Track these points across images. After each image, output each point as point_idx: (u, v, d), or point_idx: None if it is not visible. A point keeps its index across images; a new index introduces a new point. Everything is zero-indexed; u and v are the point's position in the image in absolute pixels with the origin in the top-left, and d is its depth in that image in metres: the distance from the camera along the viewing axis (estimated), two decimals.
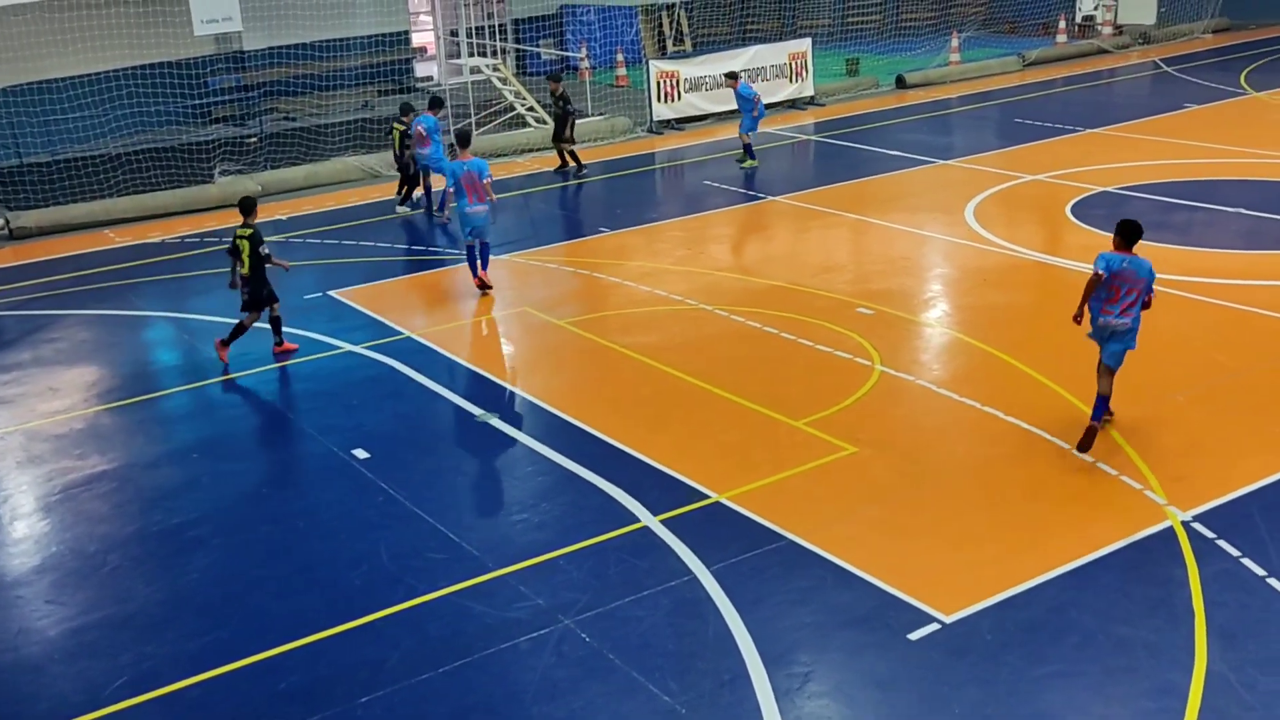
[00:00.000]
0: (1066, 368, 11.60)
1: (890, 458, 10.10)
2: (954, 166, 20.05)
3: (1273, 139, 20.15)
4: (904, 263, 15.30)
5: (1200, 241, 15.38)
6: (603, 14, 30.77)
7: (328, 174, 21.46)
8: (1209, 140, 20.58)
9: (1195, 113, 23.04)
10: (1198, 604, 7.84)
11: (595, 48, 29.83)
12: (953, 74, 28.55)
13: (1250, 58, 28.33)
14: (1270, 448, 9.84)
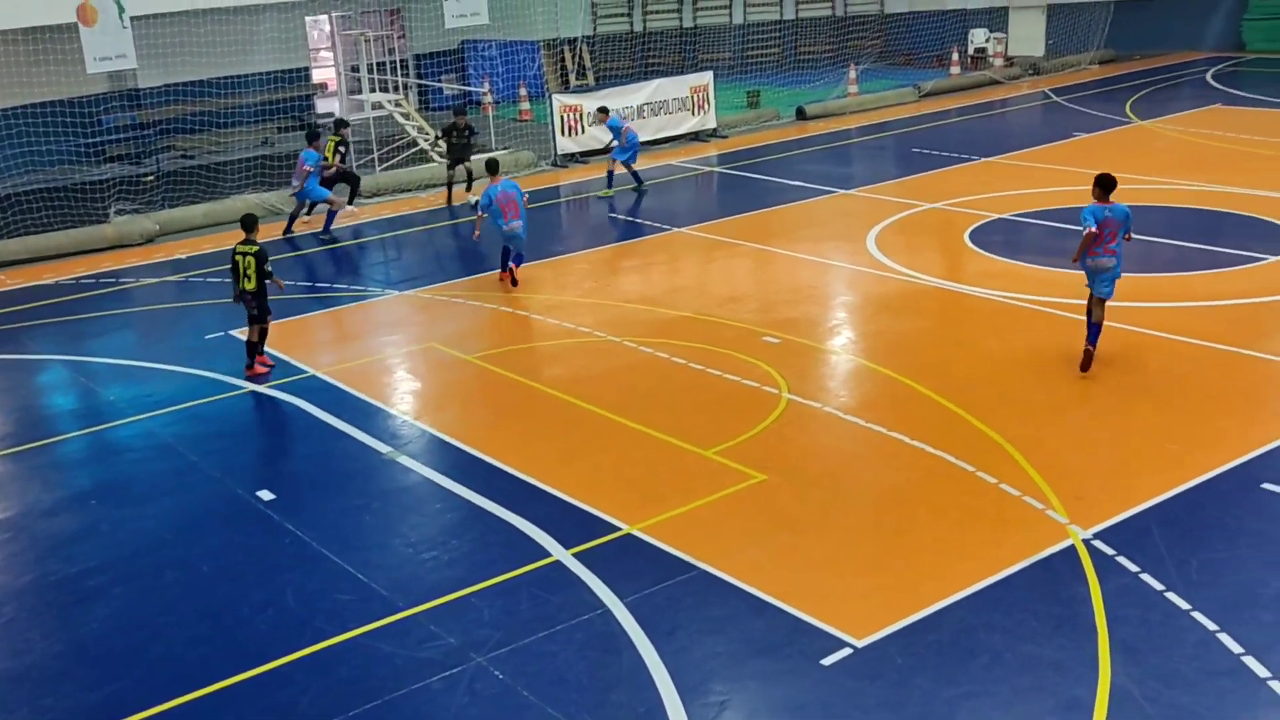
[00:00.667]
0: (969, 392, 11.82)
1: (799, 485, 10.18)
2: (855, 196, 20.38)
3: (1158, 166, 20.81)
4: (809, 291, 15.48)
5: None
6: (505, 49, 30.82)
7: (228, 212, 21.08)
8: (1098, 167, 21.05)
9: (1084, 141, 23.72)
10: (1100, 620, 8.00)
11: (498, 82, 29.86)
12: (851, 105, 29.06)
13: (1134, 87, 29.27)
14: (1166, 465, 10.11)
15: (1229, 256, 15.54)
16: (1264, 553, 8.74)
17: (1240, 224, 17.05)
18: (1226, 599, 8.16)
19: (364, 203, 21.75)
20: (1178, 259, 15.67)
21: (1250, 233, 16.57)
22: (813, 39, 34.80)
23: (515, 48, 30.85)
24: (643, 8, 34.08)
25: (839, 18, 35.29)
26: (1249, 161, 20.94)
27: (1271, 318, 13.46)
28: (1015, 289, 14.87)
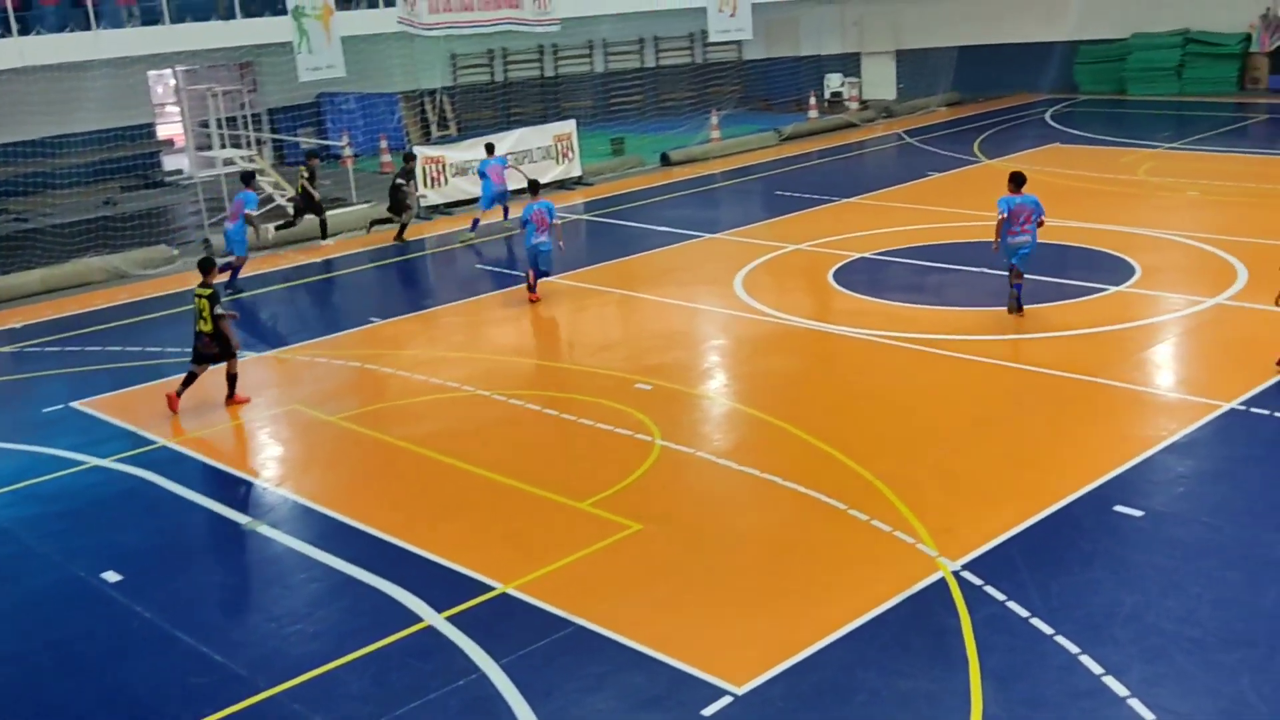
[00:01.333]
0: (838, 430, 11.99)
1: (675, 532, 10.17)
2: (721, 239, 20.63)
3: None
4: (678, 336, 15.58)
5: (951, 301, 16.22)
6: (363, 101, 30.57)
7: (66, 276, 20.21)
8: (951, 206, 21.84)
9: (937, 180, 24.43)
10: (971, 651, 8.13)
11: (358, 135, 29.59)
12: (714, 150, 29.50)
13: (980, 128, 30.30)
14: (1026, 493, 10.37)
15: (1074, 288, 16.11)
16: (1118, 574, 9.01)
17: (1083, 256, 17.70)
18: (1086, 621, 8.38)
19: (326, 242, 22.24)
20: (1028, 292, 16.14)
21: (1093, 264, 17.21)
22: (674, 86, 35.30)
23: (374, 100, 30.63)
24: (503, 58, 34.19)
25: (699, 65, 35.88)
26: (1087, 197, 21.80)
27: (1115, 346, 13.96)
28: (878, 326, 15.17)
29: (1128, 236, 18.57)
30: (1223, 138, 26.98)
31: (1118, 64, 34.04)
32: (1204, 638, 8.13)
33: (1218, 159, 24.54)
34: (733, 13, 31.30)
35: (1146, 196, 21.61)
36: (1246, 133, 27.76)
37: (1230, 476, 10.64)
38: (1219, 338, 14.13)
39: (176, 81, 28.77)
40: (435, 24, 27.58)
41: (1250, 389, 12.20)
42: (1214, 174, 22.84)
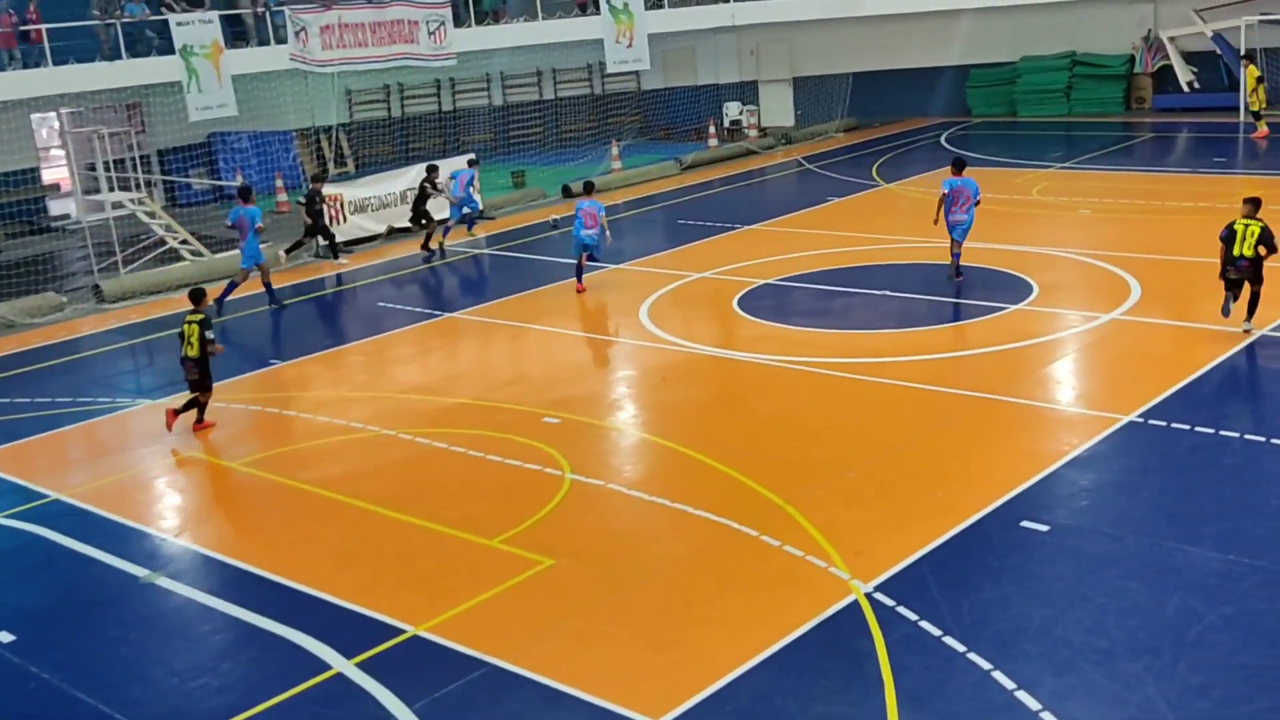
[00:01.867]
0: (747, 456, 12.00)
1: (588, 566, 10.08)
2: (626, 270, 20.64)
3: (906, 226, 21.84)
4: (586, 368, 15.52)
5: (856, 324, 16.39)
6: (256, 140, 30.11)
7: None
8: (853, 229, 22.13)
9: (837, 205, 24.73)
10: (886, 672, 8.15)
11: (252, 174, 29.11)
12: (616, 181, 29.56)
13: (878, 153, 30.79)
14: (935, 512, 10.46)
15: (975, 308, 16.37)
16: (1027, 589, 9.12)
17: (983, 276, 18.01)
18: (997, 637, 8.46)
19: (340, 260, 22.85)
20: (930, 313, 16.41)
21: (992, 284, 17.51)
22: (574, 118, 35.36)
23: (268, 138, 30.19)
24: (400, 93, 33.98)
25: (598, 96, 36.01)
26: (984, 217, 22.05)
27: (1017, 363, 14.20)
28: (784, 352, 15.26)
29: (1024, 255, 18.96)
30: (1111, 156, 27.73)
31: (1008, 87, 34.86)
32: (1111, 648, 8.25)
33: (1107, 177, 25.20)
34: (629, 43, 31.51)
35: (1041, 216, 22.09)
36: (1134, 151, 28.57)
37: (1130, 488, 10.85)
38: (1116, 352, 14.44)
39: (61, 124, 28.10)
40: (329, 60, 27.39)
41: (1147, 401, 12.48)
42: (1104, 192, 23.44)
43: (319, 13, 27.39)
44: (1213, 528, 9.79)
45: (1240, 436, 11.46)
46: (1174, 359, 13.81)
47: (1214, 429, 11.68)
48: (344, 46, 27.26)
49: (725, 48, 36.25)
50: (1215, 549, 9.44)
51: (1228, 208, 20.74)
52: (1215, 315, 14.44)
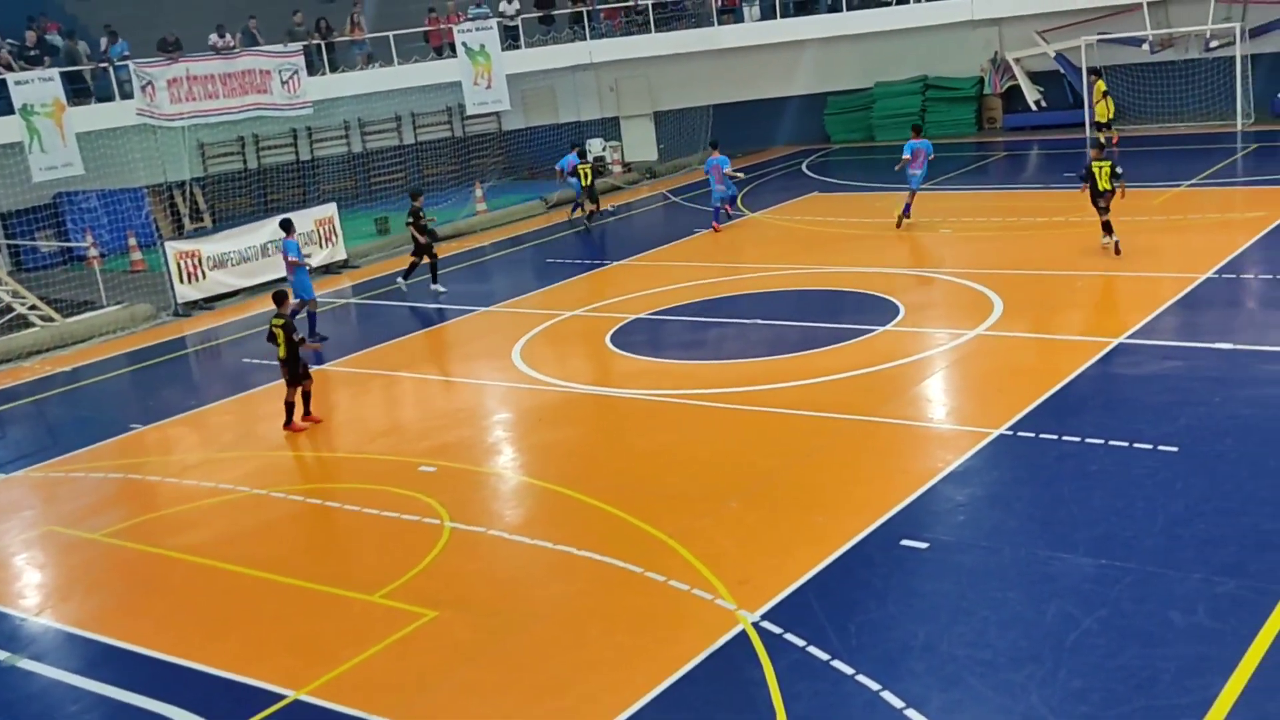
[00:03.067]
0: (627, 493, 11.94)
1: (472, 615, 9.89)
2: (496, 312, 20.47)
3: (772, 254, 22.15)
4: (461, 414, 15.31)
5: (729, 354, 16.50)
6: (106, 198, 29.13)
7: None
8: (721, 261, 22.33)
9: (704, 236, 24.93)
10: (777, 700, 8.14)
11: (102, 234, 28.16)
12: (482, 222, 29.39)
13: (742, 183, 31.15)
14: (816, 537, 10.51)
15: (845, 331, 16.60)
16: (910, 606, 9.21)
17: (851, 300, 18.32)
18: (884, 657, 8.52)
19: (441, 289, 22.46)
20: (803, 339, 16.60)
21: (860, 307, 17.81)
22: (436, 161, 35.03)
23: (118, 196, 29.23)
24: (256, 144, 33.34)
25: (459, 138, 35.81)
26: (849, 241, 22.65)
27: (889, 383, 14.42)
28: (660, 386, 15.27)
29: (890, 277, 19.32)
30: (967, 176, 28.53)
31: (864, 113, 35.65)
32: (994, 659, 8.36)
33: (965, 196, 25.89)
34: (488, 85, 31.42)
35: (903, 237, 22.56)
36: (988, 170, 29.43)
37: (1004, 500, 11.06)
38: (983, 367, 14.77)
39: None
40: (178, 114, 26.73)
41: (1015, 414, 12.77)
42: (963, 211, 24.07)
43: (165, 66, 26.75)
44: (1084, 534, 10.03)
45: (1105, 443, 11.79)
46: (1038, 371, 14.17)
47: (1080, 437, 11.99)
48: (193, 99, 26.63)
49: (585, 85, 36.42)
50: (1088, 555, 9.66)
51: (1080, 221, 21.54)
52: (1076, 326, 14.97)
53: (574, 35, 34.47)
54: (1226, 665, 7.97)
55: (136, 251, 27.60)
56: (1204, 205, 22.03)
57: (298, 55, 28.91)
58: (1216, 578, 9.09)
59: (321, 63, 31.47)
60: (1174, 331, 15.02)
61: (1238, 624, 8.43)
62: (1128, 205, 22.43)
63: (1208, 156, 26.36)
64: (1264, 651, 8.09)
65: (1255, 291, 16.56)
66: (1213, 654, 8.13)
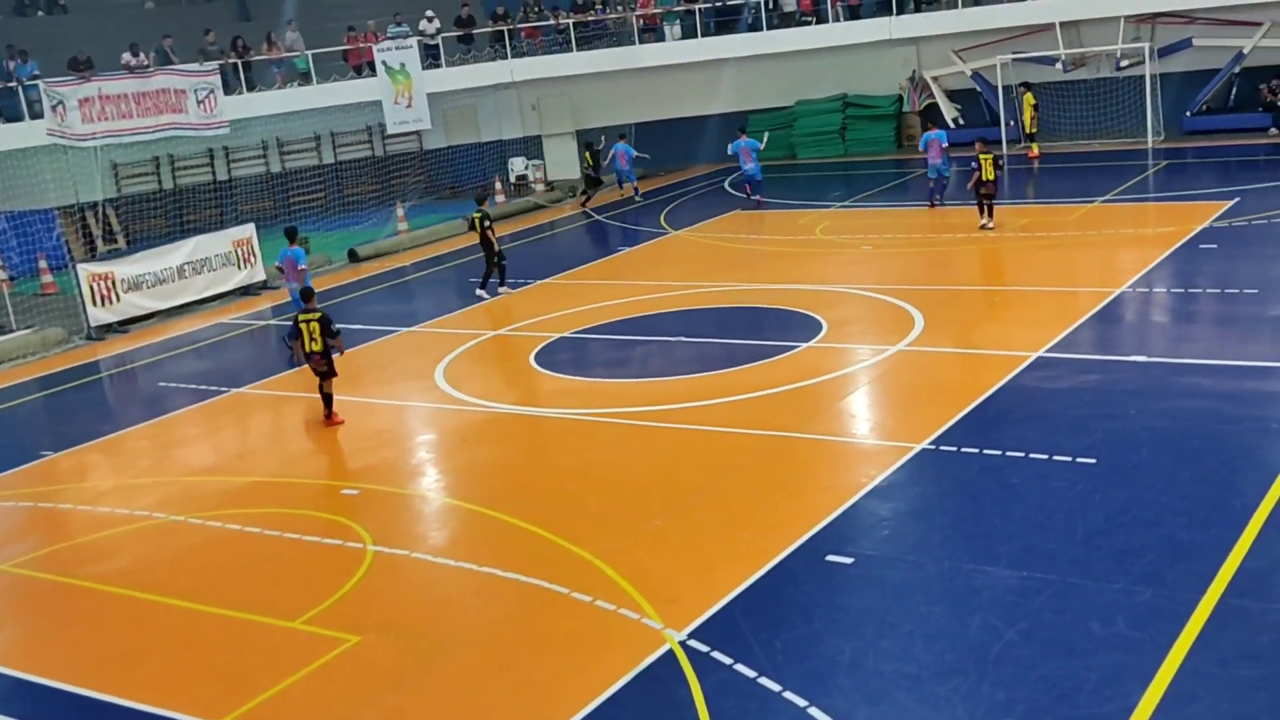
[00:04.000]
0: (553, 513, 11.87)
1: (396, 640, 9.75)
2: (419, 332, 20.29)
3: (695, 272, 22.21)
4: (383, 436, 15.12)
5: (654, 372, 16.49)
6: (14, 219, 28.37)
7: None
8: (644, 278, 22.36)
9: (629, 254, 24.97)
10: (704, 718, 8.10)
11: (11, 256, 27.43)
12: (404, 242, 29.16)
13: (665, 201, 31.29)
14: (743, 555, 10.51)
15: (769, 348, 16.67)
16: (836, 622, 9.24)
17: (774, 316, 18.42)
18: (811, 673, 8.53)
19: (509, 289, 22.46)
20: (726, 356, 16.64)
21: (784, 324, 17.90)
22: (356, 181, 34.72)
23: (27, 217, 28.50)
24: (171, 164, 32.79)
25: (380, 158, 35.53)
26: (772, 259, 22.79)
27: (812, 400, 14.50)
28: (584, 404, 15.22)
29: (813, 294, 19.46)
30: (887, 193, 28.87)
31: (786, 130, 35.97)
32: (920, 673, 8.41)
33: (885, 213, 26.20)
34: (409, 104, 31.22)
35: (825, 254, 22.76)
36: (908, 187, 29.80)
37: (928, 514, 11.15)
38: (905, 382, 14.91)
39: None
40: (90, 134, 26.22)
41: (938, 428, 12.90)
42: (884, 228, 24.34)
43: (76, 85, 26.22)
44: (1006, 547, 10.14)
45: (1025, 456, 11.94)
46: (959, 385, 14.34)
47: (1001, 450, 12.14)
48: (106, 119, 26.11)
49: (507, 104, 36.33)
50: (1010, 567, 9.76)
51: (998, 236, 21.90)
52: (996, 341, 15.17)
53: (495, 54, 34.41)
54: (1145, 674, 8.09)
55: (47, 274, 26.95)
56: (1117, 221, 22.51)
57: (214, 74, 28.50)
58: (1135, 587, 9.23)
59: (238, 81, 31.06)
60: (1090, 345, 15.29)
61: (1155, 633, 8.57)
62: (1044, 221, 22.90)
63: (1120, 173, 26.96)
64: (1180, 659, 8.22)
65: (1168, 305, 16.93)
66: (1132, 663, 8.24)
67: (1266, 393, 13.03)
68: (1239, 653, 8.24)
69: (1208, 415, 12.57)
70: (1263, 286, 16.73)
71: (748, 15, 34.99)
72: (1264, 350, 14.34)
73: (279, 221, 32.07)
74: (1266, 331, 15.05)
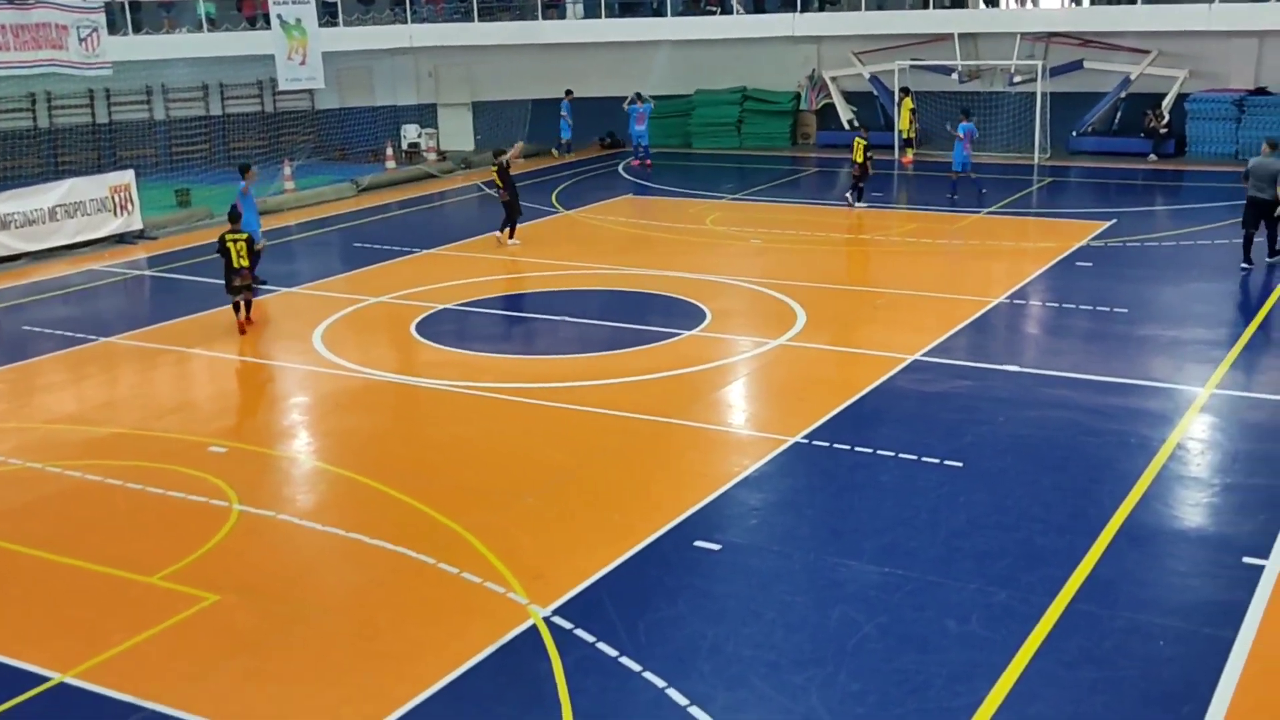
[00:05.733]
0: (426, 483, 11.78)
1: (256, 601, 9.58)
2: (299, 294, 19.92)
3: (584, 253, 22.19)
4: (255, 395, 14.85)
5: (536, 350, 16.46)
6: None
7: None
8: (534, 256, 22.26)
9: (519, 230, 24.76)
10: (563, 695, 8.14)
11: None
12: (289, 201, 28.56)
13: (558, 180, 31.16)
14: (614, 537, 10.55)
15: (652, 334, 16.75)
16: (701, 607, 9.34)
17: (658, 303, 18.49)
18: (672, 656, 8.61)
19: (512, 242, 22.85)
20: (611, 338, 16.68)
21: (668, 310, 17.99)
22: (243, 135, 33.86)
23: None
24: (48, 102, 31.60)
25: (269, 114, 34.71)
26: (660, 245, 22.87)
27: (691, 387, 14.60)
28: (463, 377, 15.11)
29: (698, 283, 19.58)
30: (779, 189, 29.18)
31: (683, 119, 36.11)
32: (778, 660, 8.55)
33: (775, 208, 26.46)
34: (302, 61, 30.48)
35: (714, 244, 22.91)
36: (800, 184, 30.17)
37: (797, 506, 11.33)
38: (783, 375, 15.11)
39: None
40: None
41: (812, 422, 13.09)
42: (773, 223, 24.58)
43: None
44: (871, 542, 10.35)
45: (896, 455, 12.20)
46: (836, 382, 14.58)
47: (872, 449, 12.39)
48: None
49: (403, 69, 35.80)
50: (873, 562, 9.97)
51: (885, 239, 22.33)
52: (875, 341, 15.51)
53: (394, 18, 33.86)
54: (994, 671, 8.35)
55: None
56: (1000, 233, 23.10)
57: (98, 12, 27.43)
58: (990, 588, 9.51)
59: (125, 22, 30.03)
60: (966, 352, 15.67)
61: (1006, 633, 8.84)
62: (930, 228, 23.40)
63: (1007, 186, 27.65)
64: (1028, 659, 8.50)
65: (1042, 318, 17.44)
66: (982, 660, 8.50)
67: (1128, 408, 13.51)
68: (1083, 656, 8.56)
69: (1072, 426, 13.00)
70: (1132, 306, 17.34)
71: (652, 0, 35.03)
72: (1128, 368, 14.87)
73: (160, 170, 31.23)
74: (1132, 350, 15.61)
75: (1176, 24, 29.45)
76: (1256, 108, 29.52)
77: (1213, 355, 15.05)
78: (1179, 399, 13.67)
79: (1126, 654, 8.57)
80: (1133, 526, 10.52)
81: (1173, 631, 8.87)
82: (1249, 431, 12.80)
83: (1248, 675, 8.29)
